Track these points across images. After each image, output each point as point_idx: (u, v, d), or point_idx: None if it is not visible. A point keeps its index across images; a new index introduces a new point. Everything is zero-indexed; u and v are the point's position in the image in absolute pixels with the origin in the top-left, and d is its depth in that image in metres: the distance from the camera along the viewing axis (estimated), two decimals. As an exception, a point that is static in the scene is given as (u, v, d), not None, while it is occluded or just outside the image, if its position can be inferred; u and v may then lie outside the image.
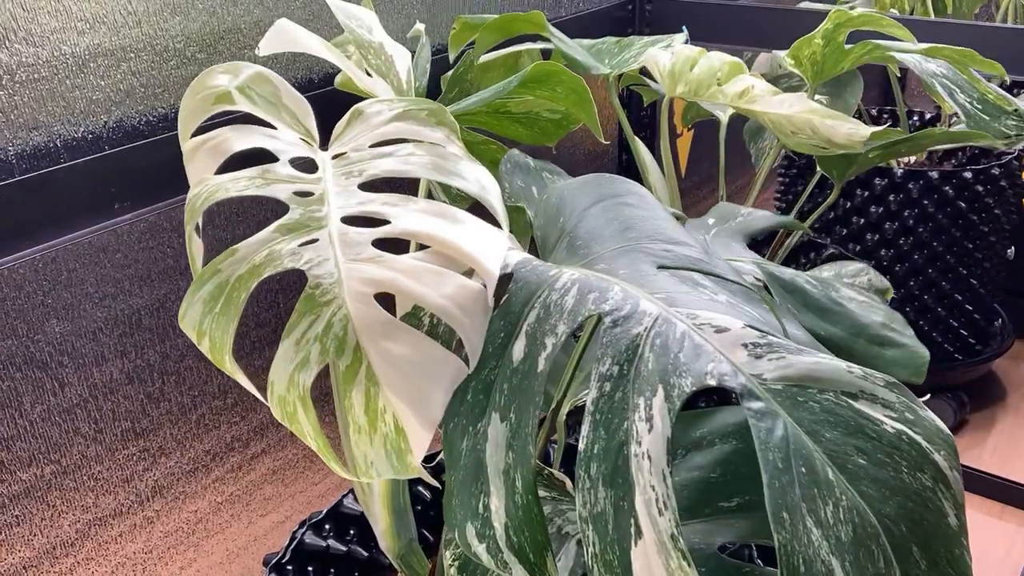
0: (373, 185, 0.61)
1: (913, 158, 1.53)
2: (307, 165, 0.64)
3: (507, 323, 0.57)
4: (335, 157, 0.65)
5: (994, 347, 1.53)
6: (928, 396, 0.91)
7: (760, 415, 0.46)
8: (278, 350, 0.54)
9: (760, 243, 1.33)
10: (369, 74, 0.85)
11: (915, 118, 1.63)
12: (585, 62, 1.15)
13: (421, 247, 0.59)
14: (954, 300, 1.46)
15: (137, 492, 1.02)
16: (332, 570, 0.89)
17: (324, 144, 0.67)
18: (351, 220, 0.60)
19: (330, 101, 0.79)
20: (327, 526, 0.92)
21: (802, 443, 0.45)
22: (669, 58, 1.06)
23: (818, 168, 1.23)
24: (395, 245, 0.57)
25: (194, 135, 0.68)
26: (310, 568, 0.89)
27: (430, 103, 0.67)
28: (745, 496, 0.63)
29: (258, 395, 0.55)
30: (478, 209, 0.79)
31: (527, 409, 0.51)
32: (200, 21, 0.98)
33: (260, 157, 0.64)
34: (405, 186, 0.64)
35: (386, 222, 0.58)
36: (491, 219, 0.64)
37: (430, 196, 0.83)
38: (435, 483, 0.57)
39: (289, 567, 0.87)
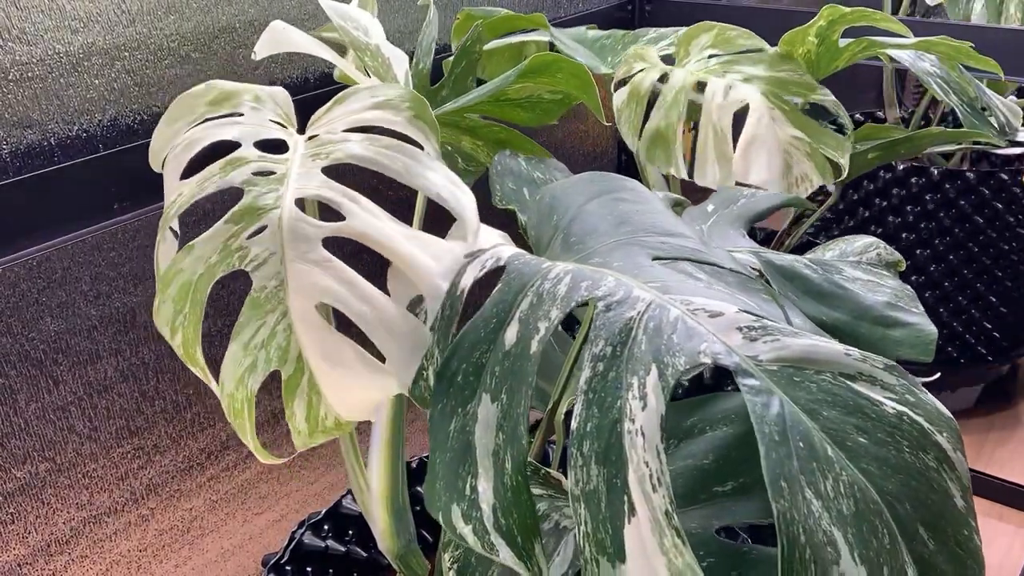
0: (362, 174, 0.61)
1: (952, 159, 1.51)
2: (283, 149, 0.64)
3: (500, 310, 0.56)
4: (309, 139, 0.65)
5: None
6: (938, 375, 0.88)
7: (756, 391, 0.46)
8: (227, 352, 0.55)
9: (759, 244, 1.32)
10: (368, 75, 0.85)
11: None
12: (588, 63, 1.15)
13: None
14: (989, 302, 1.45)
15: (132, 490, 1.01)
16: (331, 571, 0.89)
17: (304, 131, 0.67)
18: (312, 205, 0.60)
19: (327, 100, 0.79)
20: (326, 526, 0.91)
21: (799, 419, 0.45)
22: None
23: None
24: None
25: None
26: (309, 568, 0.88)
27: (414, 95, 0.66)
28: (740, 479, 0.63)
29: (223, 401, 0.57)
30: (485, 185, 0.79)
31: (519, 390, 0.51)
32: (195, 20, 0.98)
33: (231, 147, 0.64)
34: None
35: (342, 218, 0.57)
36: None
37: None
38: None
39: (288, 567, 0.87)
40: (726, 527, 0.68)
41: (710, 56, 1.09)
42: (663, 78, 1.06)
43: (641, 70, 1.08)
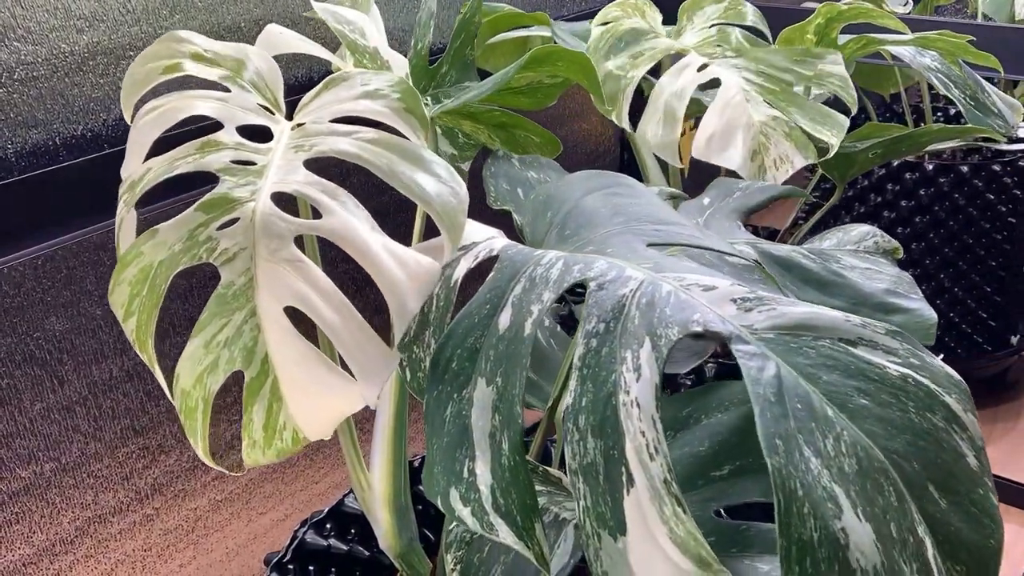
0: (343, 167, 0.60)
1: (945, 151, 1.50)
2: (267, 135, 0.62)
3: (493, 296, 0.56)
4: (295, 127, 0.63)
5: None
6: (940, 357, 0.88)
7: (751, 355, 0.45)
8: (187, 348, 0.53)
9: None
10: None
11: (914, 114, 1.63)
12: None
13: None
14: (983, 292, 1.45)
15: (137, 490, 1.01)
16: (333, 569, 0.89)
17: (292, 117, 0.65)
18: (303, 201, 0.58)
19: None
20: (328, 525, 0.91)
21: (797, 382, 0.44)
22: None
23: (819, 169, 1.22)
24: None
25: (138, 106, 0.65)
26: (311, 567, 0.88)
27: (405, 86, 0.64)
28: (736, 462, 0.63)
29: (167, 390, 0.56)
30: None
31: (514, 372, 0.51)
32: (200, 19, 0.99)
33: (212, 124, 0.62)
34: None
35: (318, 215, 0.56)
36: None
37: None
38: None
39: (290, 566, 0.86)
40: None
41: (712, 26, 1.06)
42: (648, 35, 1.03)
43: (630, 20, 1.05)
